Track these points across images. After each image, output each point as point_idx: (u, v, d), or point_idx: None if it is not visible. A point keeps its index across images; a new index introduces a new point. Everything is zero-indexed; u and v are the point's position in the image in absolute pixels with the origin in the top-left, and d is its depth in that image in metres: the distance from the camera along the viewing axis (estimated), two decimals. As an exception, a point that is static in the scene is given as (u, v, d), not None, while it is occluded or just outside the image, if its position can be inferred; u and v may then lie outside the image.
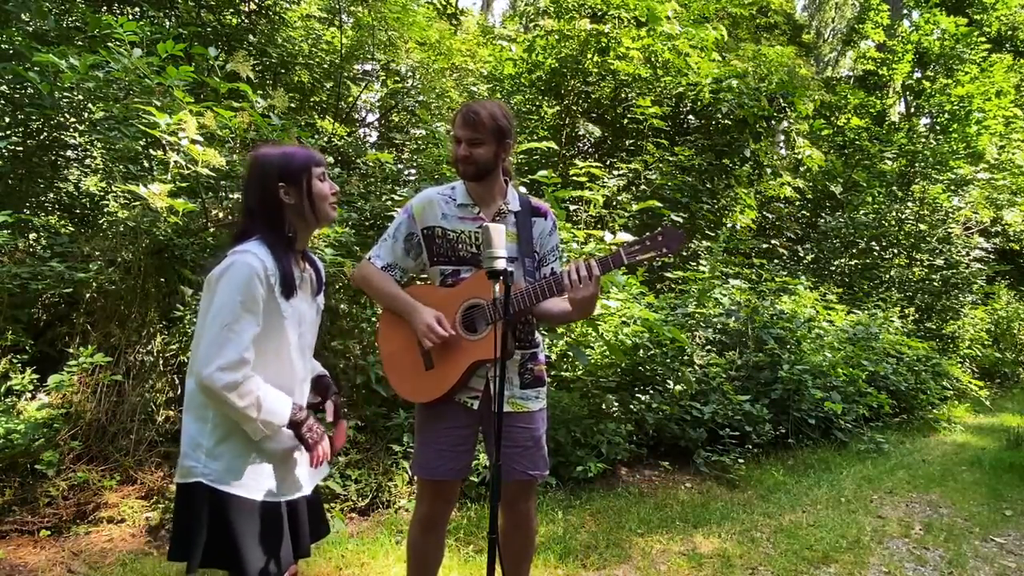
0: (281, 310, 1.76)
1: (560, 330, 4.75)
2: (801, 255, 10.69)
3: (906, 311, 9.32)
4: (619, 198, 7.09)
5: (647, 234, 2.16)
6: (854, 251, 10.53)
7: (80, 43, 4.57)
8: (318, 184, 1.84)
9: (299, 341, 1.84)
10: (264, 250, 1.75)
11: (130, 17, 5.16)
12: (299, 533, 1.87)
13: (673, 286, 6.71)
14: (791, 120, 9.20)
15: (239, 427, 1.74)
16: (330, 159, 5.39)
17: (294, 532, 1.85)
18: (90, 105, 4.10)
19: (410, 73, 6.81)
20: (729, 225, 7.64)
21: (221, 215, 4.25)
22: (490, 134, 2.21)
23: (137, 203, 3.98)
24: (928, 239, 10.48)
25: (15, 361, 3.57)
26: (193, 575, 1.74)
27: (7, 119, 4.52)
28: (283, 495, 1.82)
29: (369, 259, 2.35)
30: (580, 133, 8.11)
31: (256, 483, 1.76)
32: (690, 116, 8.85)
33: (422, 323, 2.19)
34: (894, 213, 10.68)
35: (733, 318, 6.22)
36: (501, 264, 1.87)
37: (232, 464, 1.74)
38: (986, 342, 10.52)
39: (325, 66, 6.82)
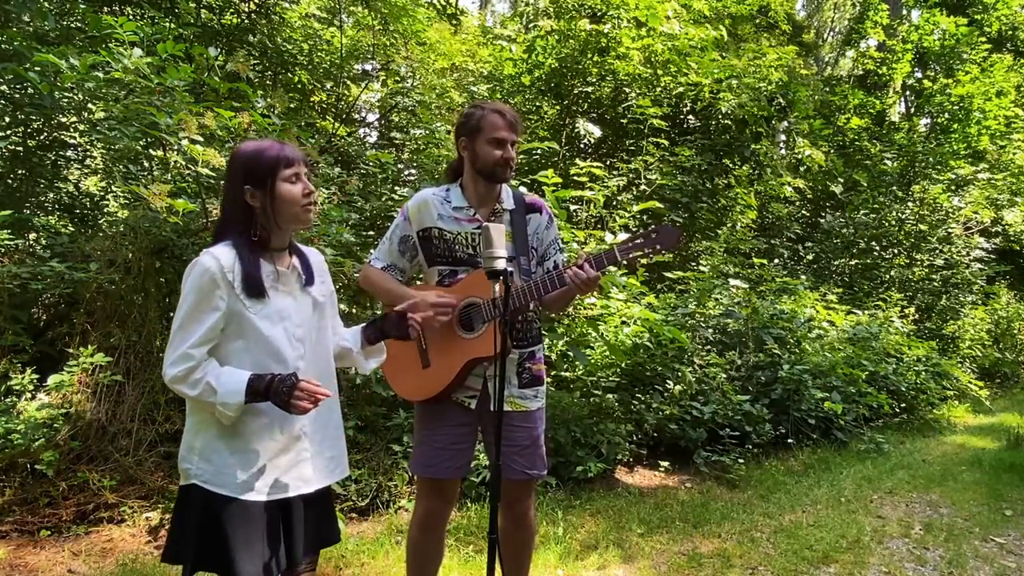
0: (246, 307, 1.74)
1: (560, 330, 4.76)
2: (801, 255, 10.68)
3: (906, 311, 9.30)
4: (619, 198, 7.09)
5: (641, 231, 2.17)
6: (854, 251, 10.52)
7: (80, 43, 4.57)
8: (285, 187, 1.76)
9: (286, 334, 1.81)
10: (228, 250, 1.75)
11: (130, 17, 5.16)
12: (292, 535, 1.82)
13: (673, 286, 6.71)
14: (791, 120, 9.20)
15: (228, 428, 1.73)
16: (330, 159, 5.39)
17: (288, 534, 1.81)
18: (90, 105, 4.11)
19: (410, 73, 6.81)
20: (729, 225, 7.63)
21: (221, 215, 4.25)
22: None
23: (137, 203, 3.99)
24: (928, 239, 10.47)
25: (15, 361, 3.57)
26: None
27: (7, 119, 4.52)
28: (276, 494, 1.78)
29: (369, 262, 2.39)
30: (580, 133, 8.11)
31: (248, 483, 1.74)
32: (690, 116, 8.85)
33: (427, 304, 2.17)
34: (894, 213, 10.67)
35: (733, 318, 6.22)
36: (501, 264, 1.87)
37: (223, 465, 1.73)
38: (986, 342, 10.50)
39: (325, 66, 6.83)
